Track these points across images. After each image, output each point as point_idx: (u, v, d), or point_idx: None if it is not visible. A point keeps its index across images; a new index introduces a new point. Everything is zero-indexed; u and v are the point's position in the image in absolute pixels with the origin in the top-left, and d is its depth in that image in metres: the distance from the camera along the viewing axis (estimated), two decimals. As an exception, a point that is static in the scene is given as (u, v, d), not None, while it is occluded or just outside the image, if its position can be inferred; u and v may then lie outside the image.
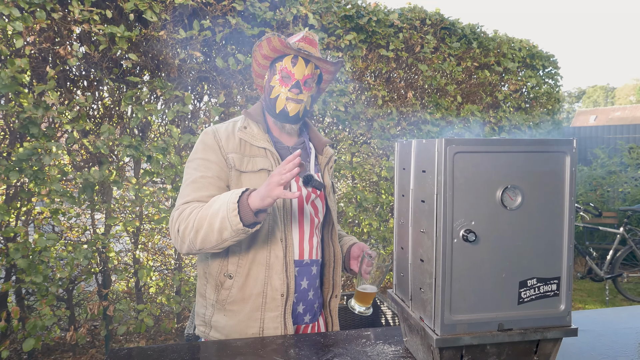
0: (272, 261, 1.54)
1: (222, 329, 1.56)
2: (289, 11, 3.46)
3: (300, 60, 1.58)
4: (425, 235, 1.10)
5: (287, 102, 1.58)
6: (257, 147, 1.59)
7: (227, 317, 1.55)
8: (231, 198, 1.39)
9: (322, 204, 1.70)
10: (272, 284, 1.53)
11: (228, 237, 1.40)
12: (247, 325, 1.54)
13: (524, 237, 1.07)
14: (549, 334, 1.08)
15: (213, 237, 1.41)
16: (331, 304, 1.75)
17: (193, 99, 3.47)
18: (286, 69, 1.58)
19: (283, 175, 1.32)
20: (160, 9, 3.00)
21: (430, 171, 1.06)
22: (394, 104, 4.23)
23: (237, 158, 1.55)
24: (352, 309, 1.56)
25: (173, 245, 3.68)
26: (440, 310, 1.04)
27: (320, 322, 1.73)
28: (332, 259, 1.72)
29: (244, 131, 1.60)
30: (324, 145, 1.75)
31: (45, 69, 2.82)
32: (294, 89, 1.58)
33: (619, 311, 1.74)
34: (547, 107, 5.61)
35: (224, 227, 1.38)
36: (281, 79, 1.58)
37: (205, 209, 1.44)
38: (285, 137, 1.69)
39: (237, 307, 1.54)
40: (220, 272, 1.56)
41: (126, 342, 3.61)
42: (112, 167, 3.18)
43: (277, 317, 1.53)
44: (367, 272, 1.56)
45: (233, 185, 1.55)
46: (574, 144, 1.08)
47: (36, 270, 2.76)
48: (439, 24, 4.50)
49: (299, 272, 1.60)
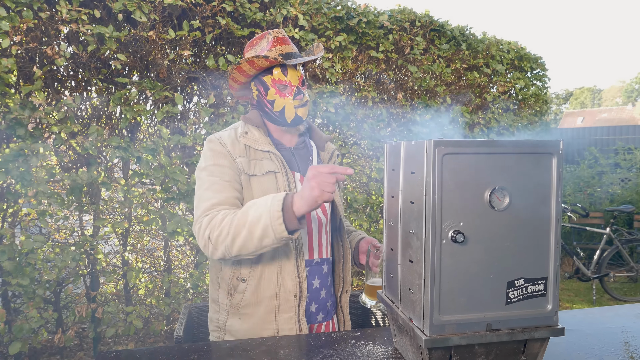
0: (284, 263, 1.55)
1: (237, 333, 1.57)
2: (279, 12, 3.46)
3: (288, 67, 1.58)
4: (414, 236, 1.10)
5: (297, 109, 1.60)
6: (262, 151, 1.60)
7: (241, 320, 1.57)
8: (274, 205, 1.36)
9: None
10: (285, 286, 1.55)
11: (269, 244, 1.39)
12: (262, 327, 1.55)
13: (511, 237, 1.08)
14: (536, 334, 1.09)
15: (252, 244, 1.39)
16: (342, 300, 1.76)
17: (182, 99, 3.46)
18: (280, 80, 1.58)
19: (331, 183, 1.33)
20: (149, 9, 2.98)
21: (419, 172, 1.07)
22: (384, 105, 4.24)
23: (245, 162, 1.56)
24: (364, 304, 1.55)
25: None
26: (429, 310, 1.04)
27: (334, 320, 1.74)
28: (342, 255, 1.74)
29: (246, 137, 1.61)
30: (324, 142, 1.78)
31: (32, 69, 2.79)
32: (298, 96, 1.59)
33: (605, 311, 1.76)
34: (535, 108, 5.67)
35: (265, 235, 1.37)
36: (279, 91, 1.58)
37: (241, 216, 1.41)
38: (286, 139, 1.70)
39: (251, 310, 1.56)
40: (234, 277, 1.58)
41: (115, 344, 3.58)
42: (101, 168, 3.15)
43: (292, 318, 1.55)
44: (375, 265, 1.56)
45: (244, 189, 1.55)
46: (561, 146, 1.09)
47: (23, 272, 2.73)
48: (429, 25, 4.52)
49: (310, 271, 1.62)
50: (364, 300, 1.56)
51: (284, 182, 1.58)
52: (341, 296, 1.76)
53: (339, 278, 1.76)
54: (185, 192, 3.21)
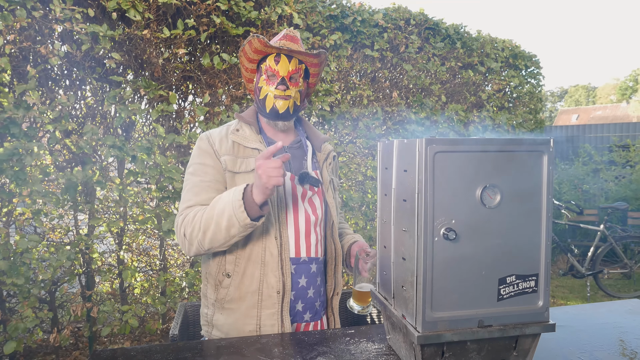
0: (267, 259, 1.57)
1: (222, 327, 1.61)
2: (274, 11, 3.45)
3: (282, 57, 1.61)
4: (407, 234, 1.11)
5: (276, 100, 1.61)
6: (250, 148, 1.63)
7: (224, 315, 1.60)
8: (235, 195, 1.43)
9: (320, 200, 1.71)
10: (268, 282, 1.57)
11: (236, 233, 1.45)
12: (244, 322, 1.58)
13: (503, 234, 1.09)
14: (527, 330, 1.11)
15: (221, 235, 1.46)
16: (333, 302, 1.77)
17: (177, 98, 3.45)
18: (270, 67, 1.61)
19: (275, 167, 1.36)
20: (144, 7, 2.98)
21: (411, 170, 1.08)
22: (379, 103, 4.25)
23: (230, 160, 1.60)
24: (352, 308, 1.57)
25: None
26: (422, 307, 1.05)
27: (323, 320, 1.74)
28: (334, 256, 1.75)
29: (236, 134, 1.65)
30: (322, 142, 1.78)
31: (26, 68, 2.78)
32: (280, 86, 1.61)
33: (597, 307, 1.77)
34: (530, 106, 5.69)
35: (231, 225, 1.43)
36: (267, 79, 1.62)
37: (209, 210, 1.49)
38: (280, 137, 1.71)
39: (235, 305, 1.59)
40: (219, 272, 1.62)
41: (110, 343, 3.58)
42: (96, 167, 3.15)
43: (274, 314, 1.57)
44: (365, 270, 1.56)
45: (229, 186, 1.59)
46: (551, 143, 1.10)
47: (17, 272, 2.72)
48: (423, 24, 4.53)
49: (296, 269, 1.62)
50: (351, 305, 1.57)
51: None
52: (332, 298, 1.77)
53: (331, 279, 1.76)
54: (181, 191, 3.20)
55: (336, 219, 1.75)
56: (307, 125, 1.82)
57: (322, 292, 1.74)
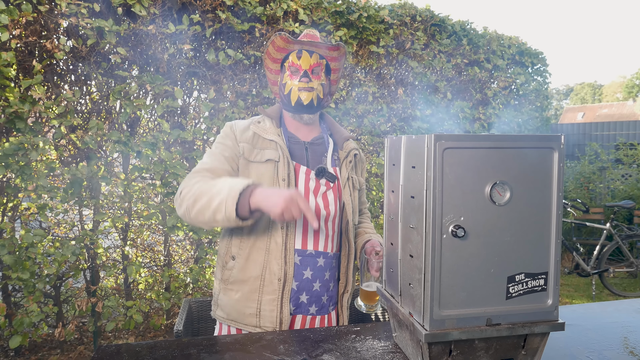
0: (272, 247, 1.60)
1: (224, 307, 1.66)
2: (279, 6, 3.44)
3: (304, 52, 1.67)
4: (414, 231, 1.10)
5: (300, 92, 1.66)
6: (268, 140, 1.67)
7: (227, 296, 1.65)
8: (236, 185, 1.43)
9: (335, 197, 1.71)
10: (271, 268, 1.60)
11: (220, 220, 1.44)
12: (244, 305, 1.61)
13: (512, 232, 1.08)
14: (536, 329, 1.09)
15: (208, 213, 1.46)
16: (343, 299, 1.77)
17: (182, 94, 3.45)
18: (293, 63, 1.67)
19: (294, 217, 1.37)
20: (149, 2, 2.97)
21: (419, 167, 1.06)
22: (384, 100, 4.23)
23: (248, 148, 1.64)
24: (359, 307, 1.56)
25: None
26: (429, 305, 1.04)
27: (331, 316, 1.75)
28: (347, 253, 1.75)
29: (257, 125, 1.70)
30: (344, 140, 1.81)
31: (31, 63, 2.78)
32: (303, 79, 1.66)
33: (604, 306, 1.76)
34: (536, 104, 5.66)
35: (218, 209, 1.43)
36: (291, 74, 1.68)
37: (210, 183, 1.50)
38: (303, 132, 1.75)
39: (237, 287, 1.63)
40: (227, 254, 1.66)
41: (115, 338, 3.59)
42: (101, 162, 3.15)
43: (274, 300, 1.59)
44: (375, 269, 1.56)
45: (241, 172, 1.64)
46: (562, 140, 1.08)
47: (23, 266, 2.73)
48: (429, 20, 4.51)
49: (301, 261, 1.63)
50: (359, 304, 1.56)
51: (284, 172, 1.61)
52: (343, 295, 1.77)
53: (344, 276, 1.76)
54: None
55: (351, 217, 1.74)
56: (331, 122, 1.85)
57: (332, 287, 1.74)
